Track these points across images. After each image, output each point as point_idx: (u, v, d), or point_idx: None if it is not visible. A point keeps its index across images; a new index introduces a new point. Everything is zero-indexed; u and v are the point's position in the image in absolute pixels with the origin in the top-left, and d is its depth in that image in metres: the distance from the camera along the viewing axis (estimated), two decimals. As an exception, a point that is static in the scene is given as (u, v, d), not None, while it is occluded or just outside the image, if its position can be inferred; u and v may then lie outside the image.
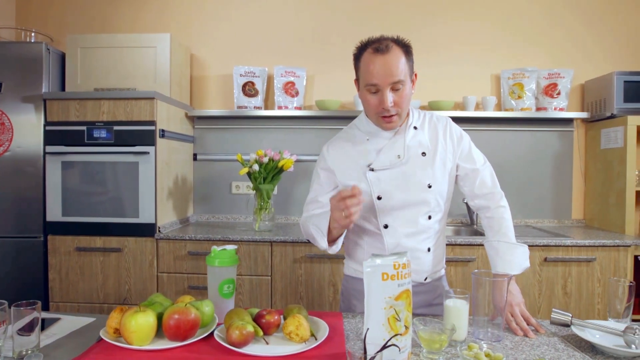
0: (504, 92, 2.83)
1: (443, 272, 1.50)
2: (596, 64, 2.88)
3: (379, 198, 1.34)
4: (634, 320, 2.28)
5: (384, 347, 0.89)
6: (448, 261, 2.29)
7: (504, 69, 2.83)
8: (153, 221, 2.37)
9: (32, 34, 2.74)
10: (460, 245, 2.29)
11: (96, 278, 2.40)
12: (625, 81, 2.55)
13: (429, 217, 1.37)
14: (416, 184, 1.34)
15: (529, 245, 2.23)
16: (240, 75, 2.78)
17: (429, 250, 1.39)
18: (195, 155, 2.96)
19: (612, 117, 2.60)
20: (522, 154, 2.90)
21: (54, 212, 2.40)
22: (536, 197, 2.91)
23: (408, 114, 1.40)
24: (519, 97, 2.76)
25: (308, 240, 1.42)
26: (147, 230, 2.37)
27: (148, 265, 2.38)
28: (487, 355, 1.00)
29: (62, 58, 2.60)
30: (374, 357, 0.88)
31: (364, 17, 2.92)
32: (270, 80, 2.91)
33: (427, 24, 2.92)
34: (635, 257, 2.45)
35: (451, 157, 1.40)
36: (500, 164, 2.88)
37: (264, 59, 2.92)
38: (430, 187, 1.34)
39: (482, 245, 1.98)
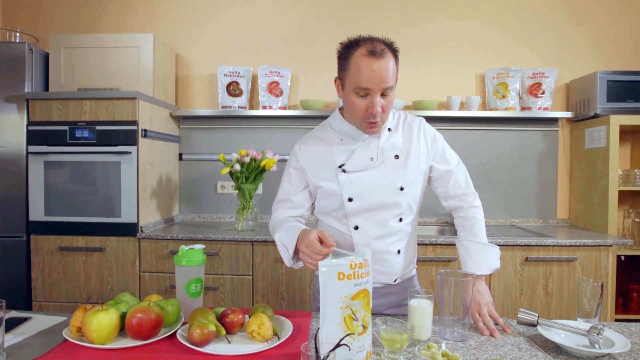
0: (489, 91, 2.83)
1: (414, 272, 1.50)
2: (583, 63, 2.88)
3: (350, 200, 1.33)
4: (618, 320, 2.29)
5: (337, 345, 0.90)
6: (429, 261, 2.30)
7: (489, 69, 2.83)
8: (135, 221, 2.37)
9: (17, 34, 2.74)
10: (441, 245, 2.29)
11: (78, 277, 2.40)
12: (608, 80, 2.55)
13: (400, 220, 1.36)
14: (388, 186, 1.33)
15: (510, 245, 2.28)
16: (225, 75, 2.79)
17: (399, 252, 1.38)
18: (180, 155, 2.97)
19: (596, 116, 2.60)
20: (507, 154, 2.90)
21: (37, 212, 2.40)
22: (521, 197, 2.91)
23: None
24: (503, 96, 2.76)
25: None
26: (129, 229, 2.37)
27: (130, 264, 2.38)
28: (444, 355, 1.00)
29: (46, 58, 2.60)
30: (327, 356, 0.88)
31: (348, 17, 2.92)
32: (254, 80, 2.91)
33: (411, 23, 2.92)
34: (618, 256, 2.45)
35: (425, 158, 1.39)
36: (485, 164, 2.89)
37: (249, 59, 2.92)
38: (402, 189, 1.33)
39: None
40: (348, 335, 0.94)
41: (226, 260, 2.34)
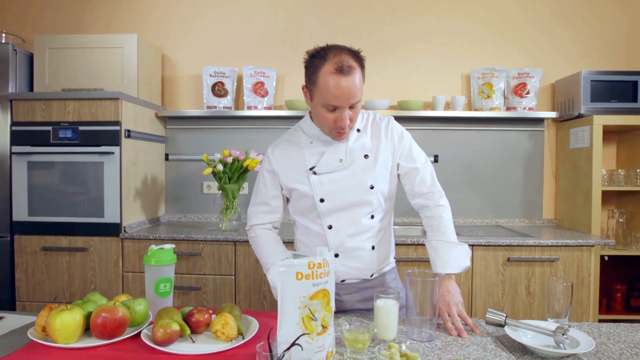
0: (474, 91, 2.83)
1: (389, 267, 1.51)
2: (568, 63, 2.88)
3: (322, 200, 1.37)
4: (602, 321, 2.29)
5: (291, 345, 0.90)
6: (412, 261, 2.30)
7: (474, 69, 2.83)
8: (118, 221, 2.37)
9: (3, 35, 2.74)
10: (423, 245, 2.29)
11: (62, 277, 2.40)
12: (592, 80, 2.56)
13: (372, 217, 1.40)
14: (358, 185, 1.37)
15: (492, 245, 2.28)
16: (210, 75, 2.79)
17: (373, 248, 1.41)
18: (167, 155, 2.97)
19: (580, 116, 2.60)
20: (493, 154, 2.90)
21: (20, 212, 2.41)
22: (507, 197, 2.91)
23: None
24: (488, 96, 2.76)
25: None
26: (112, 229, 2.37)
27: (113, 264, 2.38)
28: (403, 355, 1.00)
29: (31, 59, 2.60)
30: (282, 356, 0.88)
31: (333, 17, 2.93)
32: (240, 80, 2.91)
33: (396, 23, 2.92)
34: (602, 257, 2.46)
35: (391, 156, 1.42)
36: (471, 164, 2.89)
37: (234, 59, 2.93)
38: (372, 188, 1.37)
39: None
40: (304, 335, 0.94)
41: (209, 260, 2.35)
